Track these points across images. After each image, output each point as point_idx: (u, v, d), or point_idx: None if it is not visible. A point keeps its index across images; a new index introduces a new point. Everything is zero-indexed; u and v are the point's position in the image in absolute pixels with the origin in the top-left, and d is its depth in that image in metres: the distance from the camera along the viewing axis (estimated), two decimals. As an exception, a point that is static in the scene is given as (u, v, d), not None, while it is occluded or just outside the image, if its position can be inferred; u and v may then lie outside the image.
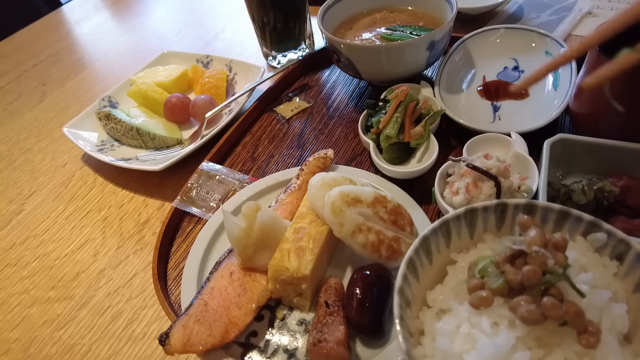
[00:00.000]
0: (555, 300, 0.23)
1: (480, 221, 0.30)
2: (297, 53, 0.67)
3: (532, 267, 0.24)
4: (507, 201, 0.29)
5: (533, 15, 0.65)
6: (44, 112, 0.72)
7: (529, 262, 0.24)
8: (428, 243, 0.29)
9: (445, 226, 0.29)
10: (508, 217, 0.30)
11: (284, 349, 0.34)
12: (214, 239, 0.42)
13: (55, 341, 0.40)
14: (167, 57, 0.69)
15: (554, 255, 0.24)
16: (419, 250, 0.28)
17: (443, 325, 0.26)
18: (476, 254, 0.29)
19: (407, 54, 0.49)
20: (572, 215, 0.28)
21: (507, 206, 0.29)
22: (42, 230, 0.52)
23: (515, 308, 0.23)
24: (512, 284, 0.24)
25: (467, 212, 0.29)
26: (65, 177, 0.58)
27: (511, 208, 0.29)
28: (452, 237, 0.30)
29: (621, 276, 0.27)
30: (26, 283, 0.46)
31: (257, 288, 0.36)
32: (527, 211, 0.29)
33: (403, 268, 0.27)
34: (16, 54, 0.88)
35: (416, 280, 0.28)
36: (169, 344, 0.33)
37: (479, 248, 0.30)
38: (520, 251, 0.25)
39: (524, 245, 0.25)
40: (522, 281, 0.24)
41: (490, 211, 0.29)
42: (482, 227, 0.30)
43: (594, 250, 0.28)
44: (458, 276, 0.28)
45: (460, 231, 0.30)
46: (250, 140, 0.57)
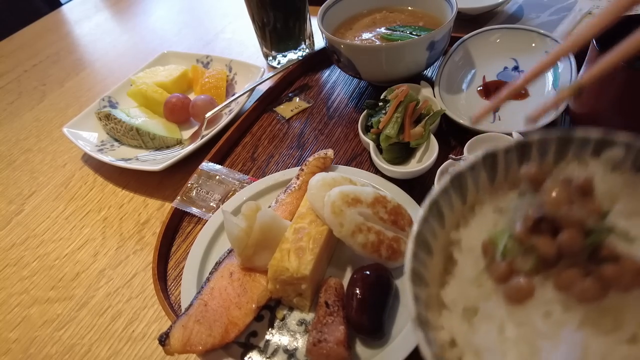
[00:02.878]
0: (615, 265, 0.18)
1: (470, 183, 0.24)
2: (297, 53, 0.67)
3: (569, 233, 0.18)
4: (495, 149, 0.24)
5: (533, 16, 0.65)
6: (44, 112, 0.72)
7: (563, 225, 0.19)
8: (423, 236, 0.23)
9: (435, 207, 0.23)
10: (500, 166, 0.24)
11: (284, 349, 0.34)
12: (214, 239, 0.42)
13: (55, 341, 0.40)
14: (167, 57, 0.69)
15: (584, 204, 0.19)
16: (417, 250, 0.22)
17: (484, 337, 0.19)
18: (479, 225, 0.24)
19: (407, 54, 0.49)
20: (575, 138, 0.23)
21: (496, 155, 0.24)
22: (42, 230, 0.52)
23: (565, 287, 0.18)
24: (547, 257, 0.19)
25: (454, 179, 0.24)
26: (65, 177, 0.58)
27: (502, 155, 0.24)
28: (444, 214, 0.24)
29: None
30: (26, 283, 0.46)
31: (257, 288, 0.36)
32: (521, 153, 0.24)
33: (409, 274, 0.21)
34: (16, 54, 0.88)
35: (424, 283, 0.22)
36: (169, 344, 0.33)
37: (478, 214, 0.24)
38: (542, 217, 0.20)
39: (548, 208, 0.19)
40: (561, 252, 0.19)
41: (479, 168, 0.24)
42: (474, 189, 0.25)
43: (612, 170, 0.22)
44: (471, 261, 0.23)
45: (451, 203, 0.24)
46: (250, 140, 0.57)
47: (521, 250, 0.20)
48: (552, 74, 0.50)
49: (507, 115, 0.49)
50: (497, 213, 0.24)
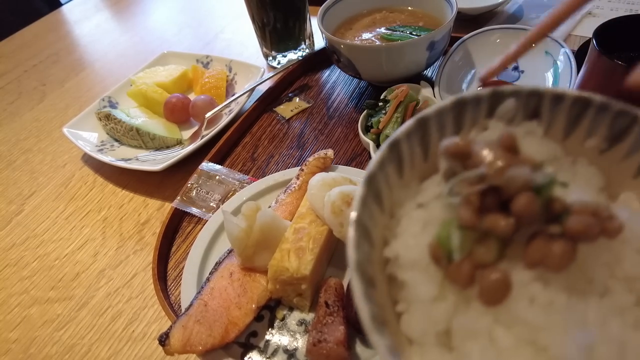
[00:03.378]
0: (576, 216, 0.16)
1: (382, 185, 0.20)
2: (297, 53, 0.67)
3: (525, 197, 0.16)
4: (397, 136, 0.21)
5: (533, 16, 0.65)
6: (44, 112, 0.71)
7: (510, 192, 0.16)
8: (362, 267, 0.17)
9: (360, 226, 0.18)
10: (405, 155, 0.21)
11: (283, 349, 0.34)
12: (213, 239, 0.42)
13: (55, 341, 0.40)
14: (167, 58, 0.69)
15: (518, 162, 0.17)
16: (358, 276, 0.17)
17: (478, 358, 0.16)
18: (410, 231, 0.20)
19: (407, 54, 0.49)
20: (468, 101, 0.21)
21: (399, 142, 0.21)
22: (42, 230, 0.52)
23: (538, 261, 0.16)
24: (507, 235, 0.16)
25: (367, 184, 0.19)
26: (65, 177, 0.58)
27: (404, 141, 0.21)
28: (369, 230, 0.19)
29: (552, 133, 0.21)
30: (26, 283, 0.46)
31: (257, 288, 0.36)
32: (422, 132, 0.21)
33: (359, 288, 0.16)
34: (16, 54, 0.88)
35: (381, 323, 0.16)
36: (169, 344, 0.33)
37: (402, 219, 0.20)
38: (487, 189, 0.16)
39: (491, 176, 0.17)
40: (520, 222, 0.16)
41: (387, 163, 0.20)
42: (387, 190, 0.21)
43: (506, 124, 0.21)
44: (422, 276, 0.18)
45: (371, 214, 0.20)
46: (250, 140, 0.57)
47: (475, 238, 0.17)
48: (552, 74, 0.50)
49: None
50: (421, 209, 0.20)
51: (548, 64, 0.50)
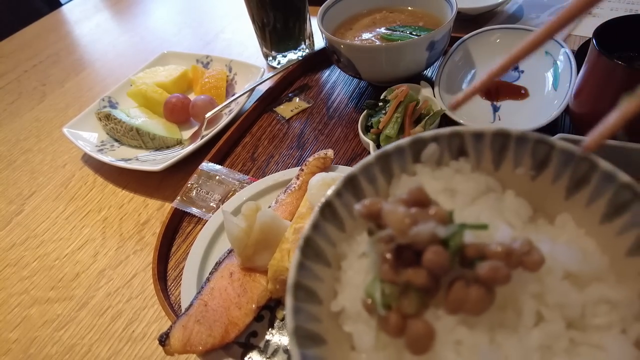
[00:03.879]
0: (485, 263, 0.17)
1: (322, 243, 0.21)
2: (297, 53, 0.67)
3: (430, 252, 0.17)
4: (327, 197, 0.21)
5: (533, 16, 0.65)
6: (44, 112, 0.71)
7: (419, 247, 0.17)
8: (303, 331, 0.19)
9: (300, 289, 0.20)
10: (340, 211, 0.22)
11: (284, 350, 0.34)
12: (213, 239, 0.42)
13: (55, 341, 0.40)
14: (166, 58, 0.69)
15: (427, 215, 0.18)
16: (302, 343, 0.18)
17: None
18: (353, 282, 0.21)
19: (407, 54, 0.49)
20: (390, 152, 0.22)
21: (331, 203, 0.21)
22: (42, 230, 0.52)
23: (457, 307, 0.17)
24: (426, 286, 0.17)
25: (305, 247, 0.20)
26: (65, 177, 0.58)
27: (336, 202, 0.22)
28: (314, 291, 0.20)
29: (483, 166, 0.22)
30: (26, 283, 0.46)
31: (257, 288, 0.36)
32: (353, 189, 0.22)
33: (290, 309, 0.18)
34: (16, 54, 0.88)
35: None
36: (169, 344, 0.33)
37: (347, 270, 0.21)
38: (398, 248, 0.18)
39: (397, 236, 0.17)
40: (433, 273, 0.17)
41: (322, 224, 0.21)
42: (329, 245, 0.22)
43: (434, 169, 0.22)
44: (363, 327, 0.19)
45: (315, 274, 0.21)
46: (250, 140, 0.57)
47: (398, 291, 0.18)
48: (552, 74, 0.50)
49: (506, 115, 0.49)
50: (363, 259, 0.21)
51: (548, 64, 0.50)
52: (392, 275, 0.18)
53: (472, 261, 0.18)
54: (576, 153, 0.21)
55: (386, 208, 0.19)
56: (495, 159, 0.23)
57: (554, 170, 0.22)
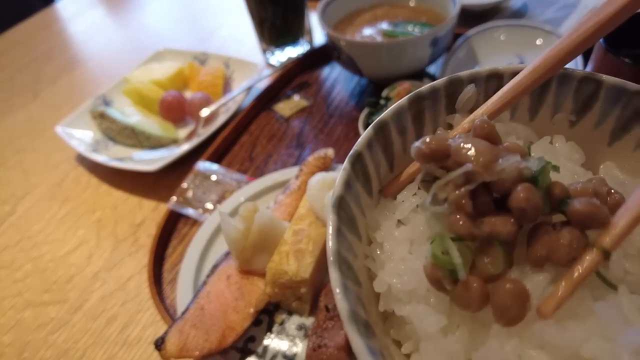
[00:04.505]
0: (587, 199, 0.14)
1: (353, 208, 0.18)
2: (296, 49, 0.66)
3: (524, 190, 0.14)
4: (358, 148, 0.19)
5: (537, 12, 0.64)
6: (37, 111, 0.70)
7: (503, 187, 0.15)
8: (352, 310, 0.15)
9: (338, 258, 0.16)
10: (371, 170, 0.19)
11: (283, 355, 0.34)
12: (210, 241, 0.41)
13: (49, 345, 0.40)
14: (162, 55, 0.67)
15: (504, 151, 0.15)
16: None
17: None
18: (395, 256, 0.17)
19: (410, 51, 0.48)
20: (424, 96, 0.19)
21: (361, 155, 0.18)
22: (36, 231, 0.51)
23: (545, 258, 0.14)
24: (512, 237, 0.14)
25: (336, 208, 0.17)
26: (59, 177, 0.57)
27: (367, 155, 0.19)
28: (349, 263, 0.17)
29: (519, 116, 0.20)
30: (20, 286, 0.45)
31: (255, 292, 0.35)
32: (383, 139, 0.19)
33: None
34: (8, 51, 0.86)
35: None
36: (165, 348, 0.32)
37: (385, 244, 0.18)
38: (476, 189, 0.14)
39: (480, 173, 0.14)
40: (523, 219, 0.14)
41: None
42: (360, 214, 0.18)
43: (469, 115, 0.19)
44: (423, 308, 0.16)
45: (348, 245, 0.17)
46: (248, 139, 0.56)
47: (475, 248, 0.15)
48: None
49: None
50: (403, 227, 0.18)
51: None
52: (470, 227, 0.14)
53: (560, 202, 0.14)
54: (628, 88, 0.19)
55: (458, 144, 0.15)
56: (532, 106, 0.21)
57: (598, 112, 0.20)
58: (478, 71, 0.21)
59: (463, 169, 0.15)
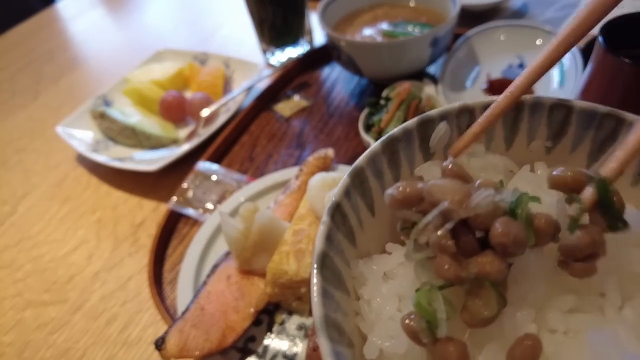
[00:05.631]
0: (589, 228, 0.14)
1: (337, 263, 0.17)
2: (296, 49, 0.66)
3: (502, 223, 0.13)
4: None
5: (538, 12, 0.64)
6: (38, 111, 0.70)
7: (478, 225, 0.14)
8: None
9: (328, 322, 0.15)
10: (353, 222, 0.19)
11: (283, 355, 0.34)
12: (210, 241, 0.41)
13: (49, 345, 0.40)
14: (163, 55, 0.67)
15: (476, 188, 0.15)
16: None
17: None
18: (379, 316, 0.16)
19: (410, 51, 0.48)
20: (397, 138, 0.19)
21: (340, 205, 0.18)
22: (36, 232, 0.51)
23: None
24: (503, 275, 0.14)
25: (320, 267, 0.16)
26: (59, 177, 0.57)
27: (346, 204, 0.18)
28: (340, 327, 0.16)
29: (495, 146, 0.20)
30: (20, 286, 0.45)
31: (255, 292, 0.35)
32: (360, 184, 0.19)
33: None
34: (9, 51, 0.86)
35: None
36: (165, 348, 0.32)
37: (372, 299, 0.17)
38: (455, 229, 0.14)
39: (452, 211, 0.14)
40: (507, 254, 0.14)
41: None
42: (344, 267, 0.18)
43: (443, 153, 0.20)
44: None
45: (337, 306, 0.16)
46: (248, 139, 0.56)
47: (466, 291, 0.14)
48: (558, 72, 0.49)
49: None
50: (390, 281, 0.17)
51: (553, 61, 0.49)
52: (457, 270, 0.14)
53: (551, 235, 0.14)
54: (599, 111, 0.19)
55: (430, 185, 0.15)
56: (507, 135, 0.21)
57: (573, 136, 0.20)
58: (448, 108, 0.21)
59: (439, 208, 0.15)
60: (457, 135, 0.22)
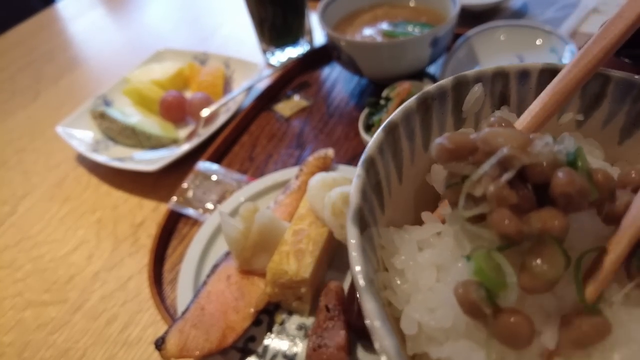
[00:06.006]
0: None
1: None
2: (296, 49, 0.66)
3: (565, 174, 0.12)
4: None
5: (537, 12, 0.64)
6: (38, 111, 0.70)
7: (540, 174, 0.12)
8: None
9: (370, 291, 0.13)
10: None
11: (283, 355, 0.34)
12: (210, 241, 0.41)
13: (49, 345, 0.40)
14: (163, 55, 0.67)
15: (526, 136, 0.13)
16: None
17: None
18: (421, 296, 0.14)
19: (410, 51, 0.48)
20: (432, 95, 0.18)
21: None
22: (36, 232, 0.51)
23: None
24: (566, 230, 0.12)
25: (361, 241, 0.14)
26: (59, 177, 0.57)
27: (379, 160, 0.16)
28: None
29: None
30: (20, 286, 0.45)
31: (255, 292, 0.35)
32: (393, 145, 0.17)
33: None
34: (9, 51, 0.86)
35: None
36: (165, 348, 0.32)
37: (407, 275, 0.15)
38: (513, 180, 0.12)
39: (513, 157, 0.12)
40: (571, 205, 0.12)
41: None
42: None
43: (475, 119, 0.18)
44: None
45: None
46: (248, 139, 0.56)
47: (526, 250, 0.12)
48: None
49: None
50: (426, 251, 0.16)
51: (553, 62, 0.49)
52: (519, 225, 0.12)
53: (611, 191, 0.12)
54: (637, 82, 0.18)
55: (487, 132, 0.13)
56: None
57: (607, 109, 0.19)
58: (484, 70, 0.20)
59: (497, 155, 0.13)
60: (489, 101, 0.20)
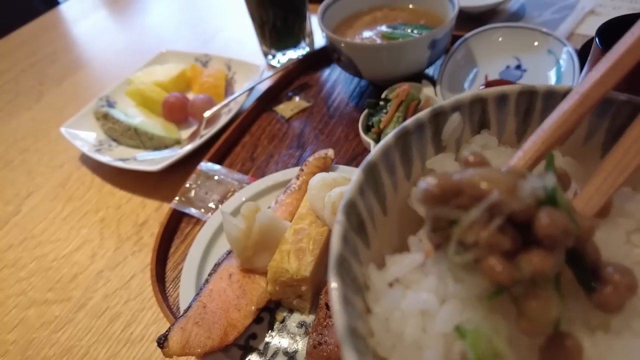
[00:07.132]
0: None
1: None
2: (296, 51, 0.67)
3: (546, 214, 0.12)
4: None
5: (535, 14, 0.65)
6: (41, 112, 0.71)
7: (522, 215, 0.12)
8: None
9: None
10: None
11: (283, 352, 0.34)
12: (212, 240, 0.42)
13: (53, 343, 0.40)
14: (165, 57, 0.68)
15: (509, 179, 0.13)
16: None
17: None
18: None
19: (409, 52, 0.49)
20: (410, 130, 0.18)
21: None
22: (40, 231, 0.51)
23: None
24: (555, 271, 0.12)
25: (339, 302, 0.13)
26: (62, 177, 0.58)
27: (363, 207, 0.16)
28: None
29: (506, 139, 0.19)
30: (24, 284, 0.46)
31: (256, 290, 0.36)
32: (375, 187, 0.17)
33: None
34: (13, 53, 0.87)
35: None
36: (168, 346, 0.32)
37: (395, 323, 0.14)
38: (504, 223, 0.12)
39: (502, 202, 0.12)
40: (556, 246, 0.12)
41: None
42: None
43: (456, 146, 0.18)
44: None
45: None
46: (249, 140, 0.56)
47: (520, 294, 0.12)
48: (555, 73, 0.49)
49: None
50: (407, 295, 0.15)
51: (551, 63, 0.50)
52: (511, 271, 0.11)
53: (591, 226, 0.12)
54: (616, 98, 0.18)
55: (472, 175, 0.13)
56: (519, 127, 0.20)
57: (587, 126, 0.19)
58: (460, 98, 0.20)
59: (487, 201, 0.12)
60: (469, 127, 0.20)
